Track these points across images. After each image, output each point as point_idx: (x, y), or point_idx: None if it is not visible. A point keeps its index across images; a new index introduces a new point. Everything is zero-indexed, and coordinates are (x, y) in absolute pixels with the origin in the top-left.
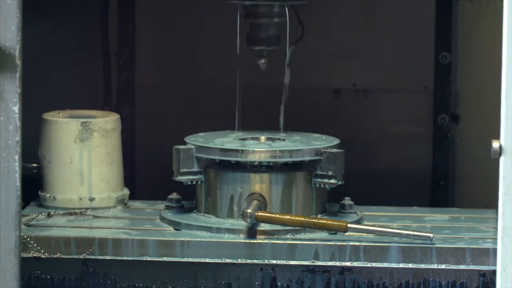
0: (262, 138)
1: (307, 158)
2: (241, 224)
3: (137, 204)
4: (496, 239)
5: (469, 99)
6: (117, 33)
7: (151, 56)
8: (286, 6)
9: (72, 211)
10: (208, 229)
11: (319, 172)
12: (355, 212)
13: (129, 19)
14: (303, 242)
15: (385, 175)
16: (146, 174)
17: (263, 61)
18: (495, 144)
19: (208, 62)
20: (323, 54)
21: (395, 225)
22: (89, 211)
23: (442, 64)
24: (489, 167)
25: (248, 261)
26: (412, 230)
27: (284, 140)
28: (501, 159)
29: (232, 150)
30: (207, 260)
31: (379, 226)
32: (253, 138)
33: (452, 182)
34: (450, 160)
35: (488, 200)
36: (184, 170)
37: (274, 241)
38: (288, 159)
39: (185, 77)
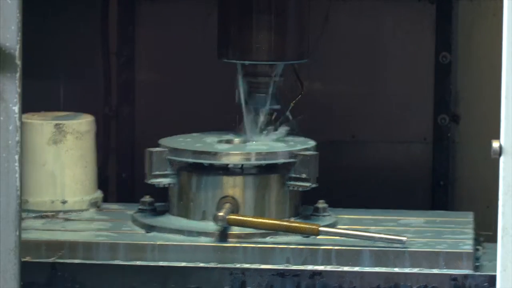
0: (237, 140)
1: (280, 160)
2: (213, 227)
3: (110, 206)
4: (472, 242)
5: (469, 99)
6: (117, 33)
7: (151, 56)
8: (286, 65)
9: (44, 214)
10: (180, 232)
11: (293, 175)
12: (329, 215)
13: (129, 19)
14: (275, 246)
15: (385, 175)
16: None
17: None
18: (495, 144)
19: (209, 62)
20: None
21: (370, 228)
22: (61, 214)
23: (442, 64)
24: (489, 167)
25: (218, 265)
26: (385, 234)
27: (258, 141)
28: (501, 159)
29: (204, 152)
30: (177, 264)
31: (352, 230)
32: (227, 141)
33: (452, 182)
34: (450, 160)
35: (488, 200)
36: (157, 173)
37: (245, 245)
38: (261, 162)
39: (185, 77)
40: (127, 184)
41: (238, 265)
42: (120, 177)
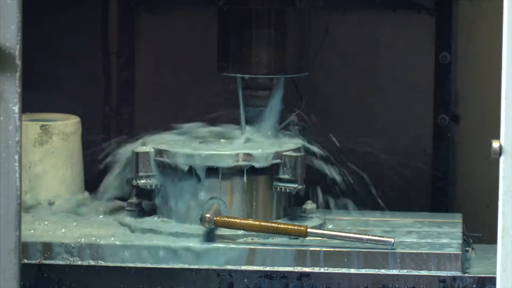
0: (224, 141)
1: (266, 162)
2: (200, 228)
3: (97, 207)
4: (460, 244)
5: (469, 99)
6: (117, 33)
7: (151, 56)
8: (285, 79)
9: (31, 215)
10: (166, 233)
11: (280, 176)
12: (317, 217)
13: (129, 19)
14: (262, 247)
15: (385, 175)
16: None
17: None
18: (495, 144)
19: (210, 61)
20: None
21: (358, 229)
22: (48, 215)
23: (442, 64)
24: (489, 167)
25: (205, 266)
26: (373, 235)
27: (246, 142)
28: (501, 159)
29: (190, 154)
30: (163, 266)
31: (340, 231)
32: (215, 141)
33: (452, 182)
34: (450, 160)
35: (488, 200)
36: (142, 174)
37: (232, 246)
38: (248, 163)
39: (185, 77)
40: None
41: (225, 267)
42: None
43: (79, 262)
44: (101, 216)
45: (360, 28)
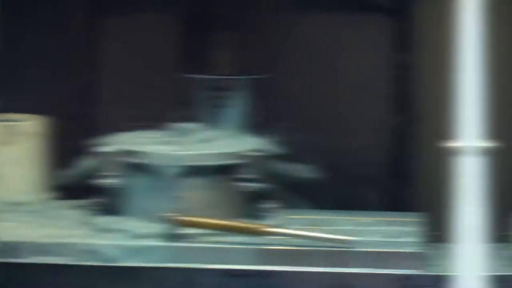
0: (185, 140)
1: (227, 162)
2: (163, 228)
3: (61, 206)
4: (421, 242)
5: (429, 100)
6: (84, 35)
7: (116, 58)
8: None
9: None
10: (129, 233)
11: (241, 176)
12: (279, 215)
13: (96, 19)
14: (224, 246)
15: (346, 174)
16: None
17: None
18: (454, 145)
19: (172, 63)
20: None
21: (321, 228)
22: (12, 215)
23: (402, 65)
24: (449, 167)
25: (168, 265)
26: (333, 234)
27: (207, 142)
28: (460, 159)
29: (153, 154)
30: (126, 264)
31: (301, 230)
32: (177, 141)
33: (413, 181)
34: (411, 160)
35: (448, 199)
36: (105, 173)
37: (194, 245)
38: (208, 163)
39: (148, 79)
40: None
41: (187, 265)
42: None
43: (44, 261)
44: (65, 216)
45: (322, 29)
